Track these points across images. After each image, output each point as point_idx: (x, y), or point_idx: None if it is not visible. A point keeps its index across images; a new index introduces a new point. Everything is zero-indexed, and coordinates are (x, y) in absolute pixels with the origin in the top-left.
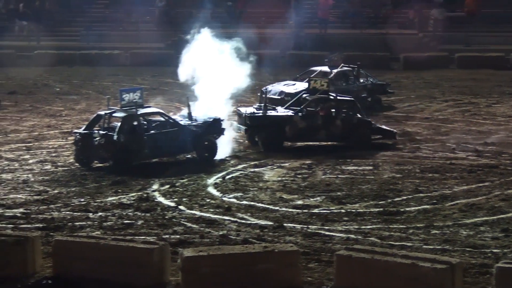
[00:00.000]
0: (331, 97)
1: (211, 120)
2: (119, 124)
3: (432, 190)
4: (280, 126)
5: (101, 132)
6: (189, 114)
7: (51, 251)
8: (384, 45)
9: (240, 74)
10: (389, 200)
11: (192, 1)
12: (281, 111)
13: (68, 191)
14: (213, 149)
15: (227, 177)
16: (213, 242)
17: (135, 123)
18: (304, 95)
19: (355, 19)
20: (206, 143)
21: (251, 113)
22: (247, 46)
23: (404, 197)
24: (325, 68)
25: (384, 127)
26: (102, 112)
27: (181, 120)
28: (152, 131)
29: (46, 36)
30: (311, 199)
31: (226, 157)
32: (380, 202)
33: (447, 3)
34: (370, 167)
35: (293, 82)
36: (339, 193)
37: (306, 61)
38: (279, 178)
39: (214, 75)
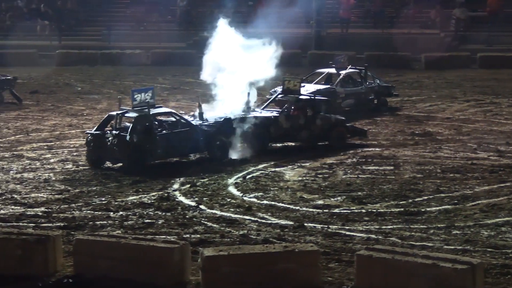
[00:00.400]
0: (310, 98)
1: (221, 120)
2: (131, 124)
3: (453, 190)
4: (265, 126)
5: (113, 132)
6: (200, 114)
7: (72, 250)
8: (405, 44)
9: (260, 72)
10: (410, 200)
11: (214, 1)
12: (263, 112)
13: (89, 190)
14: (225, 148)
15: (248, 176)
16: (234, 242)
17: (147, 123)
18: (279, 96)
19: (376, 18)
20: (218, 143)
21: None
22: (269, 45)
23: (425, 197)
24: (332, 70)
25: (355, 126)
26: (114, 113)
27: (192, 120)
28: (164, 131)
29: (68, 35)
30: (332, 199)
31: (240, 157)
32: (401, 202)
33: (469, 2)
34: (391, 167)
35: (302, 84)
36: (360, 193)
37: (326, 60)
38: (300, 178)
39: (235, 72)
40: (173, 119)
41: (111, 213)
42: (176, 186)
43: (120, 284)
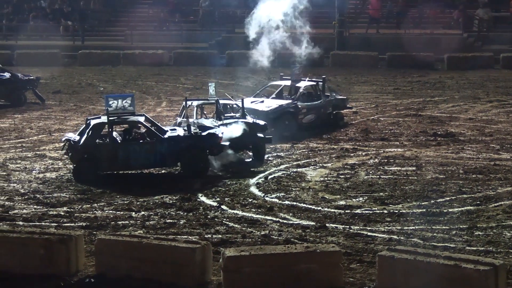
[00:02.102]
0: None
1: (204, 133)
2: (88, 131)
3: (476, 191)
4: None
5: (73, 137)
6: (188, 126)
7: (94, 249)
8: (427, 45)
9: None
10: (432, 201)
11: (236, 1)
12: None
13: (111, 190)
14: (201, 164)
15: (269, 177)
16: (255, 242)
17: (104, 131)
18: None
19: (399, 19)
20: (192, 157)
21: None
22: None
23: (448, 198)
24: (288, 82)
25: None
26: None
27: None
28: (123, 141)
29: (91, 36)
30: (354, 200)
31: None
32: (423, 203)
33: (492, 3)
34: (413, 168)
35: (262, 99)
36: (382, 193)
37: (349, 61)
38: (322, 178)
39: None
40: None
41: (133, 213)
42: (197, 186)
43: (141, 284)
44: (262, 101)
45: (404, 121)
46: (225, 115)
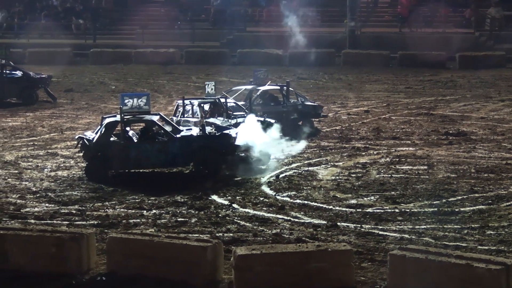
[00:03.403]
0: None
1: (217, 133)
2: (102, 129)
3: (488, 190)
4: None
5: (88, 135)
6: (203, 125)
7: (105, 248)
8: (439, 44)
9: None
10: (444, 200)
11: (247, 0)
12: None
13: (122, 188)
14: (214, 165)
15: (281, 175)
16: (266, 241)
17: (120, 130)
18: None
19: (410, 17)
20: (204, 158)
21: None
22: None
23: (459, 197)
24: (249, 86)
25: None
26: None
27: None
28: (136, 140)
29: (102, 34)
30: (365, 199)
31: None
32: (434, 202)
33: (504, 1)
34: (425, 167)
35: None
36: (393, 192)
37: (360, 60)
38: (333, 177)
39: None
40: (168, 127)
41: (145, 211)
42: (209, 184)
43: (152, 282)
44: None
45: (416, 120)
46: (234, 113)
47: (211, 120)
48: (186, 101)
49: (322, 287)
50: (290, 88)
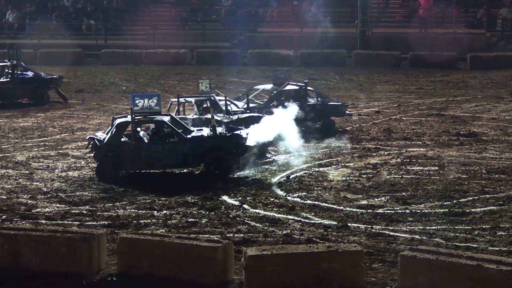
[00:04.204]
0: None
1: (228, 134)
2: (113, 130)
3: (499, 191)
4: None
5: (99, 135)
6: (213, 126)
7: (116, 248)
8: (450, 44)
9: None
10: (455, 201)
11: (258, 0)
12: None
13: (133, 189)
14: (225, 165)
15: (291, 176)
16: (277, 241)
17: (130, 130)
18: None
19: (422, 18)
20: (214, 158)
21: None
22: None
23: (470, 198)
24: (268, 86)
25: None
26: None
27: (199, 130)
28: (147, 140)
29: (113, 35)
30: (376, 199)
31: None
32: (445, 203)
33: None
34: (436, 168)
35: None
36: (404, 193)
37: (371, 60)
38: (344, 178)
39: None
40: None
41: (155, 211)
42: (219, 185)
43: (163, 282)
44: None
45: (427, 120)
46: (233, 110)
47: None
48: (181, 99)
49: None
50: (310, 88)
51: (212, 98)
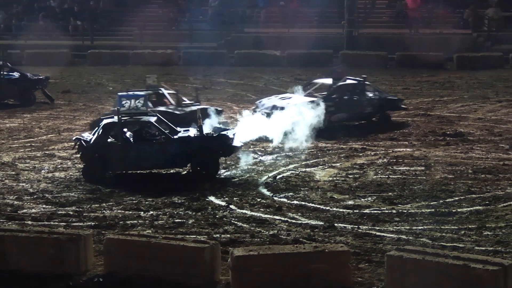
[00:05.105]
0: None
1: (214, 134)
2: (99, 130)
3: (485, 191)
4: None
5: (86, 136)
6: (200, 126)
7: (103, 249)
8: (437, 45)
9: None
10: (441, 201)
11: (245, 1)
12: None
13: (120, 189)
14: (211, 166)
15: (278, 176)
16: (264, 242)
17: (116, 130)
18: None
19: (408, 18)
20: (201, 158)
21: None
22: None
23: (457, 198)
24: (328, 81)
25: None
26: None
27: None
28: (133, 141)
29: (100, 35)
30: (362, 199)
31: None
32: (432, 203)
33: (502, 2)
34: (422, 168)
35: (290, 95)
36: (390, 193)
37: (358, 61)
38: (330, 178)
39: None
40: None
41: (142, 212)
42: (206, 185)
43: (150, 283)
44: (290, 98)
45: (413, 120)
46: (184, 102)
47: (163, 108)
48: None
49: None
50: (367, 83)
51: (160, 91)
